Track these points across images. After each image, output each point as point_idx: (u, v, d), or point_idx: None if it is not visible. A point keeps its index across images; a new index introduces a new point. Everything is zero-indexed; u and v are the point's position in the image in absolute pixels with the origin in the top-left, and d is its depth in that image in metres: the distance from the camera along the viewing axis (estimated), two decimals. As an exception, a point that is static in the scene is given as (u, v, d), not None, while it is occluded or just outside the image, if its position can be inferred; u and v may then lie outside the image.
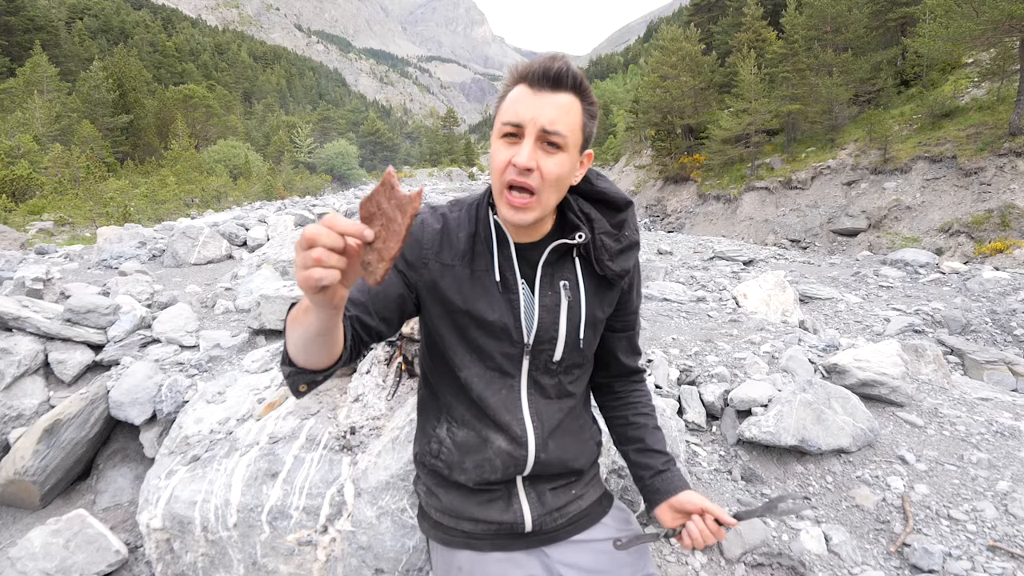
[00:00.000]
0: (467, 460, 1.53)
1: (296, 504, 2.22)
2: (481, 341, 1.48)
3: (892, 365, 3.68)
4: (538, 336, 1.49)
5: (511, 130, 1.29)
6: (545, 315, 1.48)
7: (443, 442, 1.57)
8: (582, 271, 1.52)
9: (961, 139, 20.95)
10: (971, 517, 2.65)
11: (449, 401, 1.57)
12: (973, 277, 9.56)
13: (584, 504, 1.67)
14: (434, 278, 1.46)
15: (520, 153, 1.28)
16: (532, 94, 1.28)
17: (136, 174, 38.04)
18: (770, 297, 6.61)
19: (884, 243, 20.08)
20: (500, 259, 1.47)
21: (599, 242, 1.47)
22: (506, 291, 1.46)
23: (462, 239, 1.47)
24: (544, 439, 1.53)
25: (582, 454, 1.64)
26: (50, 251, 9.93)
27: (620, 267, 1.50)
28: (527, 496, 1.58)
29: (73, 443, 3.34)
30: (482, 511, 1.56)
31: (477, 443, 1.52)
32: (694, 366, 3.89)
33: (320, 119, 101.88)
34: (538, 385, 1.53)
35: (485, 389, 1.50)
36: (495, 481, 1.54)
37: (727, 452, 3.23)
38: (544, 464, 1.54)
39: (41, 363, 3.93)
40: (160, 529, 2.31)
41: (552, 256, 1.48)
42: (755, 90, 30.67)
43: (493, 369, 1.50)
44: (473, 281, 1.46)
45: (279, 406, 2.76)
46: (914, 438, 3.29)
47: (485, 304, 1.45)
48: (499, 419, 1.50)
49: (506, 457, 1.51)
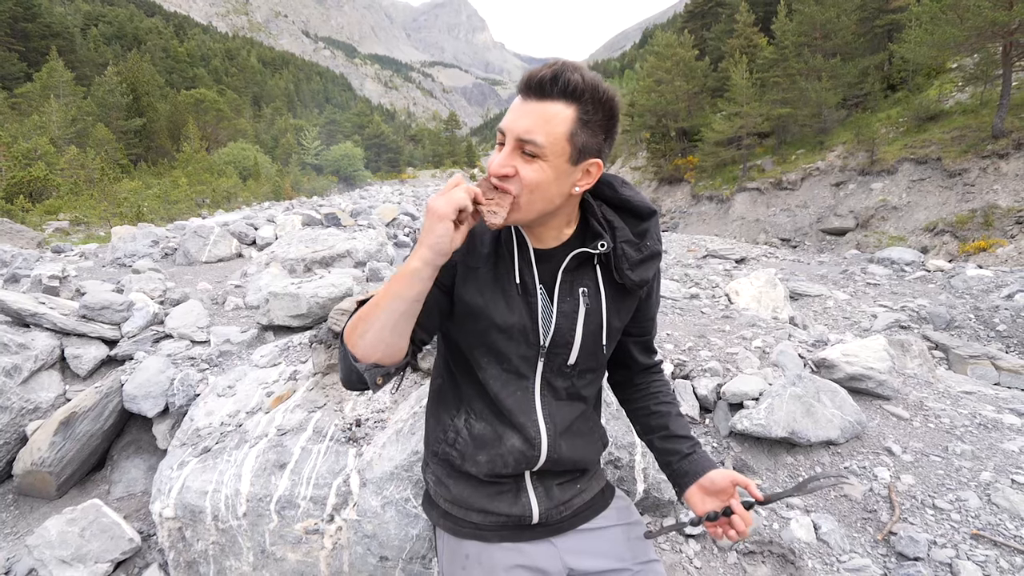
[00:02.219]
0: (481, 453, 1.52)
1: (303, 494, 2.21)
2: (500, 344, 1.46)
3: (879, 360, 3.68)
4: (554, 340, 1.47)
5: (500, 138, 1.29)
6: (563, 320, 1.46)
7: (460, 432, 1.55)
8: (603, 278, 1.49)
9: (946, 141, 20.92)
10: (955, 507, 2.65)
11: (470, 394, 1.55)
12: (957, 275, 9.55)
13: (588, 496, 1.66)
14: (460, 279, 1.46)
15: (494, 159, 1.28)
16: (520, 103, 1.26)
17: (149, 175, 38.05)
18: (761, 294, 6.60)
19: (871, 242, 20.07)
20: (520, 263, 1.45)
21: (620, 251, 1.44)
22: (525, 294, 1.45)
23: (487, 242, 1.46)
24: (556, 440, 1.52)
25: (590, 455, 1.64)
26: (66, 250, 9.94)
27: (640, 277, 1.47)
28: (535, 490, 1.57)
29: (88, 435, 3.34)
30: (491, 503, 1.56)
31: (492, 438, 1.51)
32: (688, 361, 3.88)
33: (326, 122, 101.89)
34: (551, 387, 1.52)
35: (501, 390, 1.49)
36: (505, 475, 1.53)
37: (720, 444, 3.23)
38: (554, 462, 1.53)
39: (57, 358, 3.93)
40: (172, 518, 2.31)
41: (572, 263, 1.46)
42: (747, 94, 30.63)
43: (510, 371, 1.49)
44: (495, 284, 1.45)
45: (287, 399, 2.75)
46: (900, 430, 3.29)
47: (504, 306, 1.44)
48: (515, 420, 1.49)
49: (519, 455, 1.50)
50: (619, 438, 2.59)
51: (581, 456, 1.60)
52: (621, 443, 2.58)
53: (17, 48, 50.62)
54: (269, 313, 4.14)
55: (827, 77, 29.04)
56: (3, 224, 12.54)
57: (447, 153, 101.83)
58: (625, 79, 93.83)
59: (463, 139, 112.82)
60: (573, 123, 1.25)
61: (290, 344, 3.43)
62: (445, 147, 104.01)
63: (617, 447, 2.56)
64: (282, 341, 3.55)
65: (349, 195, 35.08)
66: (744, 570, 2.46)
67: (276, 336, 4.16)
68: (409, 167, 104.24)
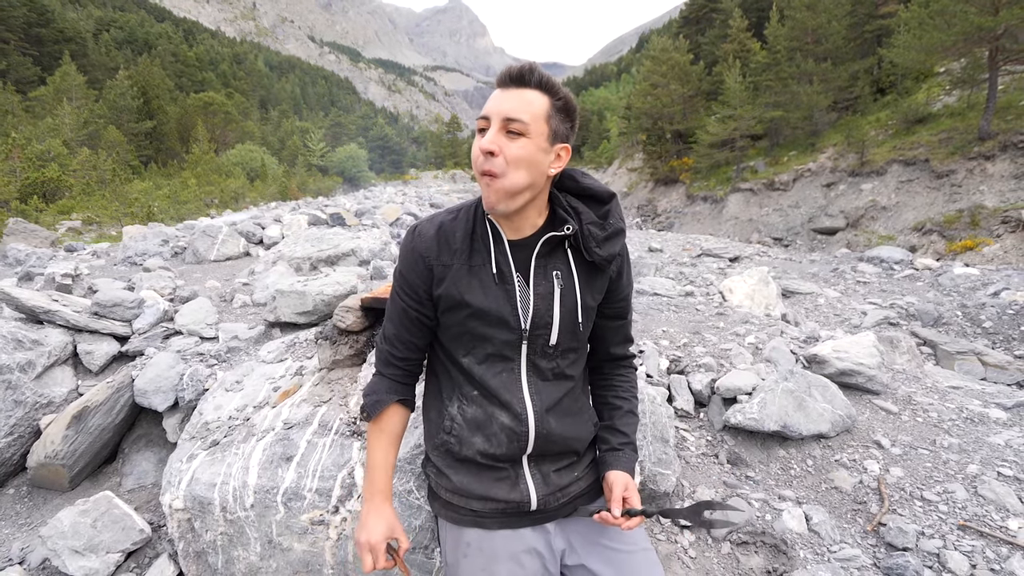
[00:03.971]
0: (476, 435, 1.56)
1: (309, 486, 2.21)
2: (482, 330, 1.52)
3: (869, 355, 3.67)
4: (534, 322, 1.52)
5: (482, 124, 1.42)
6: (540, 303, 1.52)
7: (455, 419, 1.59)
8: (573, 260, 1.56)
9: (933, 143, 20.91)
10: (943, 498, 2.65)
11: (460, 381, 1.60)
12: (945, 273, 9.55)
13: (584, 484, 1.70)
14: (437, 277, 1.53)
15: (484, 140, 1.39)
16: (500, 92, 1.41)
17: (159, 176, 37.95)
18: (754, 292, 6.59)
19: (861, 241, 20.07)
20: (496, 254, 1.52)
21: (587, 231, 1.52)
22: (502, 282, 1.51)
23: (459, 238, 1.54)
24: (542, 415, 1.55)
25: (581, 433, 1.66)
26: (78, 248, 9.92)
27: (607, 252, 1.54)
28: (533, 477, 1.60)
29: (100, 429, 3.34)
30: (491, 489, 1.58)
31: (484, 419, 1.56)
32: (683, 356, 3.88)
33: (332, 125, 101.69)
34: (536, 368, 1.57)
35: (486, 372, 1.55)
36: (501, 457, 1.56)
37: (714, 437, 3.23)
38: (545, 439, 1.56)
39: (70, 354, 3.93)
40: (182, 509, 2.31)
41: (544, 248, 1.53)
42: (740, 97, 30.63)
43: (494, 355, 1.55)
44: (471, 275, 1.52)
45: (293, 394, 2.75)
46: (889, 424, 3.29)
47: (483, 296, 1.50)
48: (501, 398, 1.54)
49: (509, 432, 1.54)
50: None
51: (573, 434, 1.63)
52: (618, 436, 2.58)
53: (31, 52, 50.46)
54: (276, 310, 4.14)
55: (818, 81, 29.02)
56: (17, 224, 12.53)
57: (449, 155, 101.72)
58: (622, 83, 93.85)
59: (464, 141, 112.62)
60: (549, 107, 1.41)
61: (296, 340, 3.42)
62: (447, 149, 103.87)
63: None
64: (288, 337, 3.55)
65: (354, 195, 35.03)
66: (737, 560, 2.46)
67: (283, 332, 4.16)
68: (412, 168, 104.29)
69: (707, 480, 2.90)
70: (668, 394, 3.47)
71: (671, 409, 3.20)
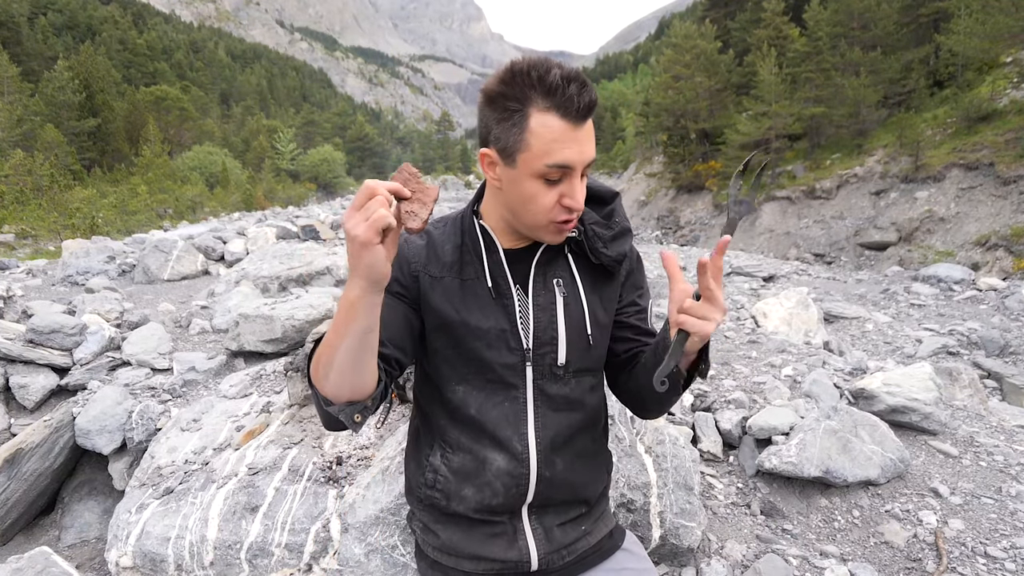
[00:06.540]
0: (465, 487, 1.52)
1: (278, 540, 2.23)
2: (479, 352, 1.49)
3: (924, 390, 3.69)
4: (537, 338, 1.50)
5: (555, 175, 1.32)
6: (541, 315, 1.51)
7: (438, 471, 1.56)
8: (576, 266, 1.56)
9: (999, 145, 20.94)
10: (1010, 555, 2.66)
11: (442, 425, 1.57)
12: (1012, 294, 9.58)
13: (593, 540, 1.66)
14: (424, 290, 1.50)
15: (576, 197, 1.35)
16: (572, 130, 1.29)
17: (104, 182, 38.06)
18: (792, 316, 6.63)
19: (915, 257, 20.10)
20: (490, 264, 1.51)
21: (591, 232, 1.53)
22: (499, 296, 1.49)
23: (448, 251, 1.53)
24: (548, 455, 1.52)
25: (593, 480, 1.64)
26: (11, 266, 9.97)
27: (615, 252, 1.55)
28: (534, 532, 1.57)
29: (36, 474, 3.35)
30: (484, 548, 1.56)
31: (475, 467, 1.52)
32: (709, 391, 3.90)
33: (304, 123, 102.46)
34: (545, 395, 1.53)
35: (484, 403, 1.51)
36: (498, 508, 1.53)
37: (745, 484, 3.24)
38: (549, 484, 1.53)
39: (1, 387, 3.95)
40: (131, 568, 2.32)
41: (544, 256, 1.53)
42: (776, 91, 30.74)
43: (494, 381, 1.51)
44: (464, 291, 1.50)
45: (259, 434, 2.77)
46: (948, 469, 3.31)
47: (479, 312, 1.48)
48: (498, 435, 1.50)
49: (506, 478, 1.50)
50: (632, 478, 2.61)
51: (583, 479, 1.61)
52: (635, 483, 2.60)
53: (-46, 40, 50.91)
54: (239, 337, 4.17)
55: (866, 72, 29.11)
56: (-61, 237, 12.59)
57: (439, 157, 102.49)
58: (639, 75, 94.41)
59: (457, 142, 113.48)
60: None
61: (263, 372, 3.45)
62: (437, 151, 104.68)
63: (630, 488, 2.58)
64: (254, 369, 3.58)
65: (329, 204, 35.23)
66: (773, 627, 2.47)
67: (247, 363, 4.19)
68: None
69: (737, 534, 2.91)
70: (692, 434, 3.48)
71: (696, 452, 3.21)
